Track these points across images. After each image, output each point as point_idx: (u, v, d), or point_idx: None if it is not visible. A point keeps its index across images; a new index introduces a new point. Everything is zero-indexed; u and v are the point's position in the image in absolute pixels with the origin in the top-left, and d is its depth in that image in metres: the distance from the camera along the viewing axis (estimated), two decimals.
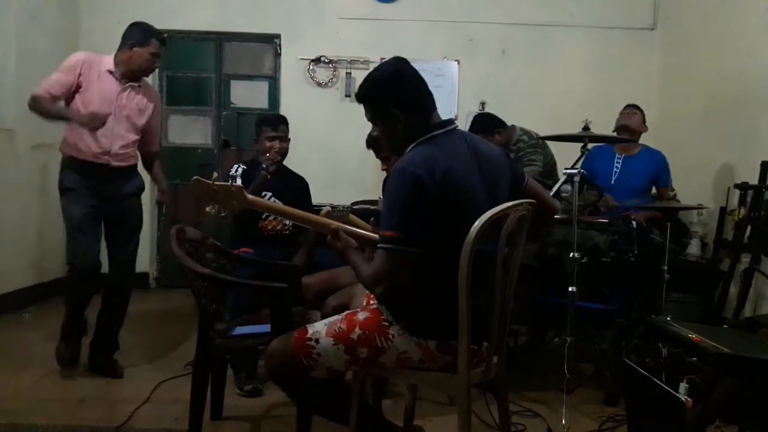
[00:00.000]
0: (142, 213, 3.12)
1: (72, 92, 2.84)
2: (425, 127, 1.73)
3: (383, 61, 1.82)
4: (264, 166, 3.07)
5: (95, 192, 2.90)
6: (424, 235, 1.59)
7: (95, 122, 2.75)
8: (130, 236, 3.05)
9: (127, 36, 2.97)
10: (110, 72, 2.92)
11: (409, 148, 1.72)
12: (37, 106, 2.76)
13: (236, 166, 3.25)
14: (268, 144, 3.17)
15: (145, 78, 3.06)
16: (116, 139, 2.91)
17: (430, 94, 1.77)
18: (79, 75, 2.84)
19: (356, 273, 1.74)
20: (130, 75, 2.95)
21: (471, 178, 1.67)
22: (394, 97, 1.73)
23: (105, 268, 3.02)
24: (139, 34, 2.96)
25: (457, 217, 1.59)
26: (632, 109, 3.73)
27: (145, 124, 3.03)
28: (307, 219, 2.02)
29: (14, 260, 4.18)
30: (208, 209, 2.04)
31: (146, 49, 2.94)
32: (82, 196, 2.88)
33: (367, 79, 1.78)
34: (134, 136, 3.00)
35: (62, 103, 2.83)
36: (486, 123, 3.67)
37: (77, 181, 2.88)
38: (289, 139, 3.28)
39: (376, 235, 1.98)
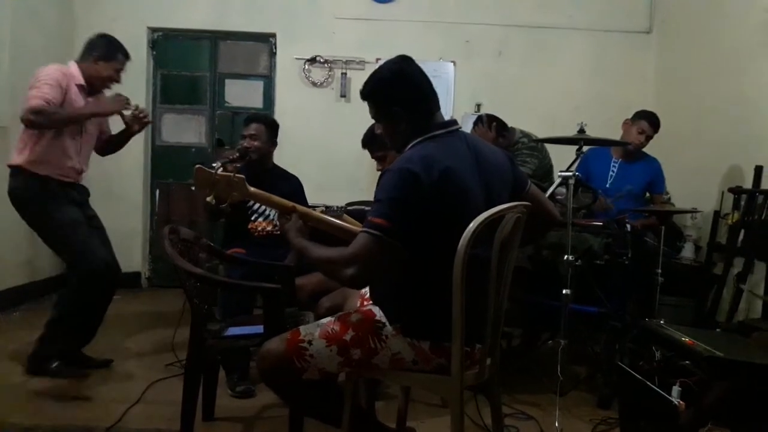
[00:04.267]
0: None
1: None
2: (428, 127, 1.72)
3: (387, 59, 1.79)
4: (217, 163, 3.07)
5: (75, 201, 2.88)
6: (416, 234, 1.58)
7: (120, 104, 2.81)
8: (106, 236, 3.06)
9: (90, 47, 2.89)
10: (79, 86, 2.84)
11: (409, 146, 1.72)
12: (44, 117, 2.65)
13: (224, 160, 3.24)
14: (240, 142, 3.19)
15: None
16: (84, 159, 2.95)
17: (434, 94, 1.77)
18: (65, 91, 2.75)
19: (310, 255, 1.72)
20: (90, 89, 2.90)
21: (469, 179, 1.66)
22: (397, 95, 1.73)
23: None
24: (104, 46, 2.88)
25: (452, 218, 1.58)
26: (646, 124, 3.54)
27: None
28: (275, 203, 2.00)
29: (6, 259, 4.15)
30: (208, 199, 2.03)
31: (111, 64, 2.88)
32: (66, 202, 2.84)
33: (372, 77, 1.78)
34: (91, 148, 3.03)
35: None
36: (499, 122, 3.69)
37: (52, 189, 2.81)
38: (274, 142, 3.28)
39: (351, 226, 1.98)
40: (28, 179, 2.80)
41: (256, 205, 3.16)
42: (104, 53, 2.87)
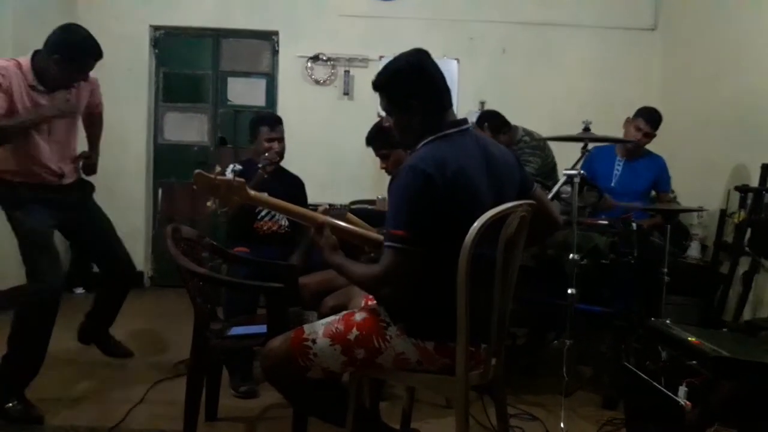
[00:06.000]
0: (101, 210, 2.92)
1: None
2: (440, 124, 1.70)
3: (403, 52, 1.76)
4: (261, 165, 3.05)
5: (53, 203, 2.62)
6: (429, 235, 1.56)
7: (71, 108, 2.53)
8: (112, 232, 2.92)
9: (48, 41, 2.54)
10: (31, 86, 2.51)
11: (421, 144, 1.70)
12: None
13: (231, 165, 3.22)
14: (267, 144, 3.15)
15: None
16: (61, 159, 2.67)
17: (447, 90, 1.74)
18: (7, 90, 2.42)
19: (346, 273, 1.71)
20: (52, 86, 2.57)
21: (479, 180, 1.64)
22: (412, 87, 1.70)
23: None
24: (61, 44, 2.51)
25: (462, 218, 1.56)
26: (642, 121, 3.50)
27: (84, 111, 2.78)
28: (299, 213, 2.00)
29: (8, 258, 4.13)
30: (208, 203, 2.02)
31: (72, 65, 2.53)
32: (39, 209, 2.56)
33: (387, 68, 1.75)
34: (75, 142, 2.77)
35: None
36: (495, 121, 3.66)
37: (28, 195, 2.56)
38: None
39: (371, 233, 1.96)
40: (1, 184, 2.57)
41: None
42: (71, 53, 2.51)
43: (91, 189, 2.93)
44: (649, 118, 3.52)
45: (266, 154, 3.09)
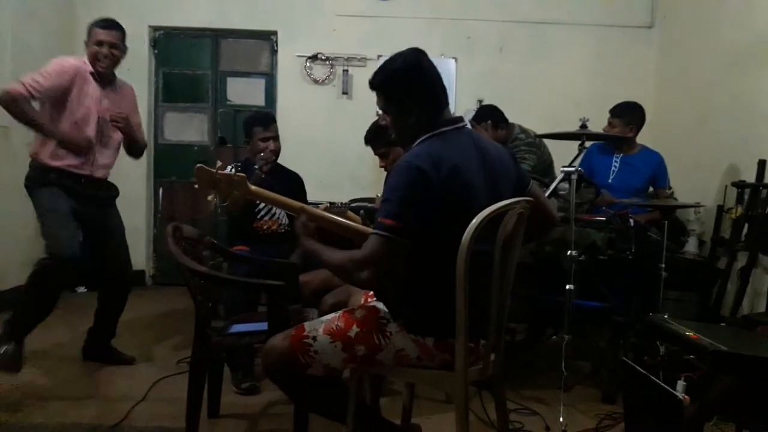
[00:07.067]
0: (120, 216, 3.13)
1: (57, 98, 2.77)
2: (436, 122, 1.71)
3: (399, 51, 1.76)
4: (257, 165, 3.06)
5: (76, 195, 2.85)
6: (423, 232, 1.58)
7: (85, 150, 2.76)
8: (122, 239, 3.10)
9: None
10: (91, 74, 2.86)
11: (417, 143, 1.71)
12: (10, 105, 2.65)
13: (230, 167, 3.22)
14: (262, 144, 3.16)
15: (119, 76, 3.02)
16: (101, 149, 2.92)
17: (444, 90, 1.75)
18: (71, 82, 2.78)
19: (322, 258, 1.71)
20: (98, 76, 2.88)
21: (475, 177, 1.66)
22: (409, 87, 1.71)
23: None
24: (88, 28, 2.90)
25: (458, 215, 1.58)
26: (611, 117, 3.60)
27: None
28: (283, 203, 2.02)
29: (10, 258, 4.16)
30: (209, 198, 2.03)
31: (89, 41, 2.87)
32: (62, 194, 2.81)
33: (384, 67, 1.75)
34: (118, 142, 2.99)
35: (43, 109, 2.77)
36: (493, 115, 3.68)
37: (56, 181, 2.81)
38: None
39: (359, 225, 1.97)
40: (35, 167, 2.84)
41: (262, 204, 3.16)
42: (87, 33, 2.90)
43: (116, 193, 3.09)
44: (616, 113, 3.58)
45: (262, 154, 3.11)
